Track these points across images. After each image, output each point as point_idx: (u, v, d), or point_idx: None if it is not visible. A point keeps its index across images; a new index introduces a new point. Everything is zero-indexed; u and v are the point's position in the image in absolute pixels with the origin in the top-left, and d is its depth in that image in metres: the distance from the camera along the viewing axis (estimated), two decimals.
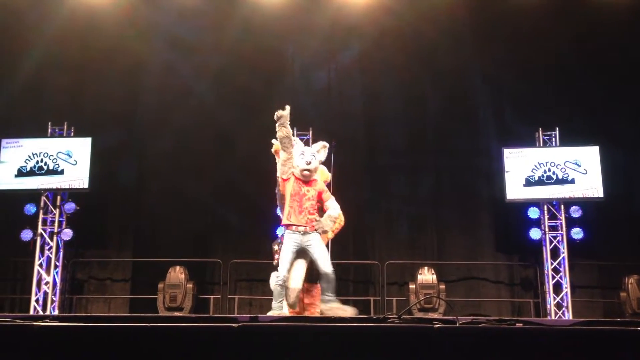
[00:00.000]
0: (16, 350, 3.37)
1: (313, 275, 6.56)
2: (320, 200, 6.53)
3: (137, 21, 10.41)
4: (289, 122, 6.54)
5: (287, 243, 6.35)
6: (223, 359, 3.34)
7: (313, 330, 3.55)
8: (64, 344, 3.40)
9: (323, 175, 6.76)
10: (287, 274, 6.26)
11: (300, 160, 6.47)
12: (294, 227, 6.36)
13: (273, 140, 6.60)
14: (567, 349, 3.31)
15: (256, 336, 3.37)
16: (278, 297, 6.28)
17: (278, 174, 6.57)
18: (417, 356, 3.33)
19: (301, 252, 6.38)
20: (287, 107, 6.55)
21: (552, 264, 9.65)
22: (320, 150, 6.69)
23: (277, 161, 6.59)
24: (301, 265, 6.42)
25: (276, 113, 6.51)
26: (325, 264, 6.33)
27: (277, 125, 6.51)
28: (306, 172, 6.46)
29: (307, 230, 6.35)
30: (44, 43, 10.37)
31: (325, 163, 9.46)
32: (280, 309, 6.29)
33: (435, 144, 10.65)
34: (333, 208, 6.54)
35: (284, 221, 6.46)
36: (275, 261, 6.66)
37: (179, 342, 3.36)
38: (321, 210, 6.57)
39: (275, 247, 6.71)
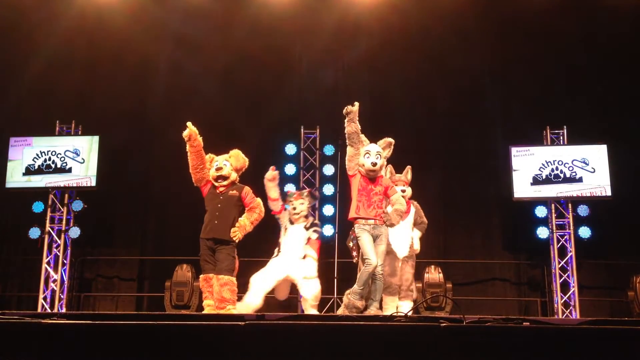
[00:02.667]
0: (24, 348, 3.38)
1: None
2: (386, 196, 6.64)
3: (144, 20, 10.42)
4: (357, 118, 6.58)
5: (363, 234, 6.44)
6: (230, 357, 3.35)
7: (319, 329, 3.55)
8: (72, 342, 3.42)
9: (238, 162, 7.06)
10: (378, 261, 6.34)
11: (366, 160, 6.53)
12: (363, 221, 6.47)
13: (188, 123, 6.88)
14: (574, 349, 3.30)
15: (263, 334, 3.38)
16: (363, 284, 6.33)
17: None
18: (424, 355, 3.32)
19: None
20: (356, 104, 6.61)
21: (559, 263, 9.61)
22: (385, 147, 6.74)
23: (188, 153, 7.00)
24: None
25: (345, 108, 6.59)
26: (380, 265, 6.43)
27: (345, 120, 6.59)
28: (372, 173, 6.55)
29: (377, 223, 6.47)
30: (52, 42, 10.39)
31: (333, 162, 9.43)
32: (358, 294, 6.32)
33: (443, 142, 10.63)
34: (400, 203, 6.62)
35: (352, 215, 6.57)
36: (355, 259, 6.76)
37: (186, 340, 3.37)
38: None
39: (351, 244, 6.78)
